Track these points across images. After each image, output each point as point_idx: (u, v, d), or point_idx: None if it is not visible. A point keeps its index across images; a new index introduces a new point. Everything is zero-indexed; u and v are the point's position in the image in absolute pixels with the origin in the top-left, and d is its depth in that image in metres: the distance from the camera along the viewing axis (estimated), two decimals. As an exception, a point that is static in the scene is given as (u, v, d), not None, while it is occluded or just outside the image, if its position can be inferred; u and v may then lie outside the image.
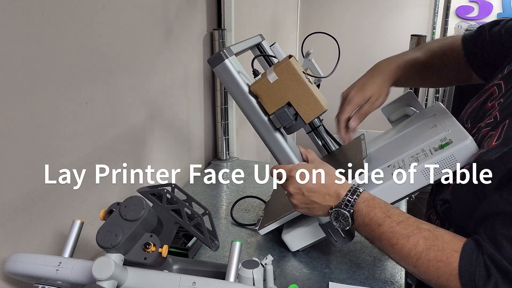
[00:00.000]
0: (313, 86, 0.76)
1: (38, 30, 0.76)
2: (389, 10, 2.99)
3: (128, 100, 1.05)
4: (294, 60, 0.76)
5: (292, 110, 0.75)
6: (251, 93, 0.76)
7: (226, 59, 0.75)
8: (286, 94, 0.74)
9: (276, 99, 0.75)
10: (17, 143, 0.75)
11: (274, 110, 0.76)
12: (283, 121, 0.75)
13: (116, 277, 0.61)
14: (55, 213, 0.85)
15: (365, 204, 0.74)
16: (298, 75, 0.73)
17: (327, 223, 0.82)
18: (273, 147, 0.80)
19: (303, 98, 0.74)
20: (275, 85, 0.74)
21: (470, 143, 0.76)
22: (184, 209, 0.72)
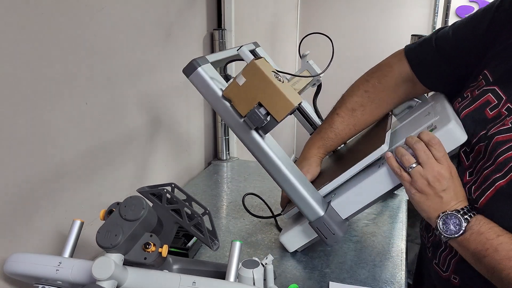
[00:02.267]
0: (283, 84, 0.76)
1: (38, 30, 0.76)
2: (389, 10, 2.99)
3: (128, 100, 1.05)
4: (261, 61, 0.77)
5: (263, 110, 0.75)
6: (224, 98, 0.78)
7: (199, 67, 0.77)
8: (255, 95, 0.75)
9: (247, 101, 0.76)
10: (17, 143, 0.75)
11: (246, 112, 0.76)
12: (255, 122, 0.75)
13: (116, 277, 0.61)
14: (55, 213, 0.85)
15: (482, 217, 0.71)
16: (263, 74, 0.74)
17: (317, 220, 0.82)
18: (252, 148, 0.81)
19: (272, 97, 0.75)
20: (244, 87, 0.75)
21: (452, 127, 0.74)
22: (184, 209, 0.72)
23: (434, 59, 0.87)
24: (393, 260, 0.94)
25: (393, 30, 2.94)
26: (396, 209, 1.15)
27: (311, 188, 0.87)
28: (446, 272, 0.85)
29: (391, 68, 0.93)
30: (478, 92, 0.78)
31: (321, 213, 0.83)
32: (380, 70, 0.95)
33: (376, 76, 0.95)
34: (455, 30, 0.86)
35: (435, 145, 0.73)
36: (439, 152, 0.72)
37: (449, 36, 0.86)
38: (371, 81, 0.95)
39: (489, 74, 0.78)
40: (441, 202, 0.72)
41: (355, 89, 0.97)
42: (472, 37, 0.82)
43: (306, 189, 0.83)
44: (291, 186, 0.82)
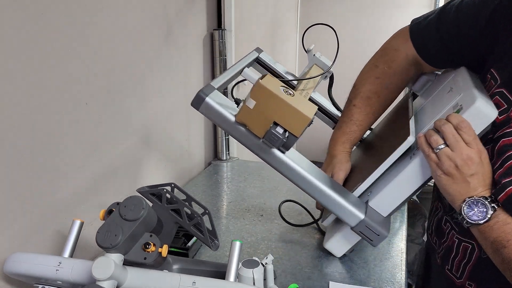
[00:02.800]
0: (295, 97, 0.75)
1: (38, 30, 0.76)
2: (389, 10, 2.99)
3: (128, 100, 1.05)
4: (267, 79, 0.75)
5: (280, 128, 0.74)
6: (238, 123, 0.77)
7: (207, 97, 0.77)
8: (269, 115, 0.73)
9: (262, 122, 0.74)
10: (17, 143, 0.75)
11: (263, 134, 0.75)
12: (274, 142, 0.74)
13: (116, 277, 0.61)
14: (55, 213, 0.85)
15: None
16: (272, 93, 0.72)
17: (359, 225, 0.80)
18: (277, 166, 0.80)
19: (286, 114, 0.73)
20: (256, 110, 0.74)
21: (479, 105, 0.70)
22: (184, 208, 0.72)
23: (436, 44, 0.84)
24: (393, 260, 0.94)
25: (393, 30, 2.94)
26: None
27: (345, 193, 0.84)
28: (460, 279, 0.83)
29: (398, 51, 0.90)
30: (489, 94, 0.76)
31: (361, 216, 0.80)
32: (387, 55, 0.92)
33: (384, 61, 0.92)
34: (458, 14, 0.81)
35: (464, 128, 0.69)
36: (469, 136, 0.69)
37: (450, 19, 0.82)
38: (380, 66, 0.92)
39: (497, 74, 0.75)
40: (468, 187, 0.69)
41: (366, 77, 0.95)
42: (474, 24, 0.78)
43: (341, 195, 0.81)
44: (325, 196, 0.80)
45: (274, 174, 1.40)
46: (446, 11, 0.84)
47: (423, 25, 0.87)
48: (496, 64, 0.76)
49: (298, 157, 0.83)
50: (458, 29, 0.80)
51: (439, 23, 0.84)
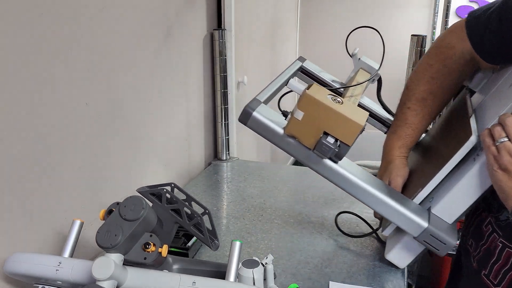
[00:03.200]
0: (344, 105, 0.73)
1: (38, 30, 0.76)
2: (389, 10, 2.99)
3: (128, 100, 1.05)
4: (314, 88, 0.73)
5: (331, 138, 0.72)
6: (287, 136, 0.75)
7: (254, 112, 0.75)
8: (319, 125, 0.72)
9: (312, 133, 0.73)
10: (17, 143, 0.75)
11: (314, 144, 0.73)
12: (326, 153, 0.72)
13: (116, 277, 0.61)
14: (55, 213, 0.85)
15: None
16: (320, 103, 0.70)
17: (422, 234, 0.76)
18: (330, 177, 0.77)
19: (336, 123, 0.71)
20: (304, 121, 0.72)
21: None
22: (183, 208, 0.72)
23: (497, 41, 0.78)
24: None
25: (393, 30, 2.94)
26: (396, 209, 1.15)
27: (405, 200, 0.80)
28: (497, 286, 0.78)
29: (453, 49, 0.85)
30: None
31: (425, 224, 0.76)
32: (441, 53, 0.87)
33: (439, 59, 0.87)
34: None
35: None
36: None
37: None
38: (435, 65, 0.88)
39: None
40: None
41: (420, 77, 0.90)
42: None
43: (400, 203, 0.78)
44: (384, 205, 0.77)
45: (274, 174, 1.40)
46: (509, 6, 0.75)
47: (482, 21, 0.80)
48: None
49: (351, 165, 0.80)
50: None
51: (501, 19, 0.76)
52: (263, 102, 0.81)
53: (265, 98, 0.82)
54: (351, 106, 0.75)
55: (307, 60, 1.06)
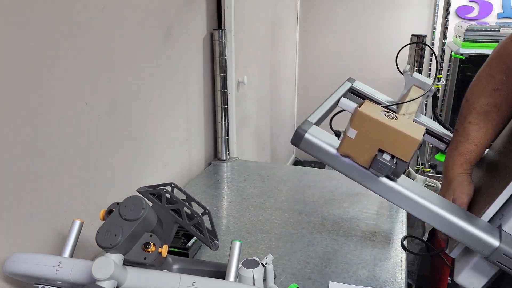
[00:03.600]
0: (398, 120, 0.71)
1: (38, 30, 0.76)
2: (389, 10, 2.99)
3: (128, 100, 1.05)
4: (366, 105, 0.72)
5: (387, 155, 0.69)
6: (341, 155, 0.74)
7: (306, 134, 0.74)
8: (373, 143, 0.69)
9: (367, 152, 0.71)
10: (17, 143, 0.75)
11: (369, 163, 0.71)
12: (383, 171, 0.69)
13: (116, 277, 0.61)
14: (55, 213, 0.85)
15: None
16: (374, 120, 0.69)
17: (494, 254, 0.71)
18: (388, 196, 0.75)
19: (391, 139, 0.68)
20: (358, 139, 0.70)
21: None
22: (183, 208, 0.72)
23: None
24: (393, 260, 0.94)
25: (393, 30, 2.94)
26: (396, 209, 1.15)
27: (473, 218, 0.76)
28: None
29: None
30: None
31: (496, 243, 0.72)
32: (503, 63, 0.82)
33: (501, 69, 0.82)
34: None
35: None
36: None
37: None
38: (497, 76, 0.83)
39: None
40: None
41: (481, 89, 0.85)
42: None
43: (467, 221, 0.74)
44: (449, 224, 0.73)
45: (274, 174, 1.40)
46: None
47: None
48: None
49: (411, 183, 0.77)
50: None
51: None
52: (315, 124, 0.80)
53: (316, 119, 0.81)
54: (406, 121, 0.73)
55: (357, 81, 1.05)
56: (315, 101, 2.91)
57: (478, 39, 2.21)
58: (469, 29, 2.21)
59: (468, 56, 2.21)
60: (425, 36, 1.43)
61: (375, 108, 0.73)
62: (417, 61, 1.35)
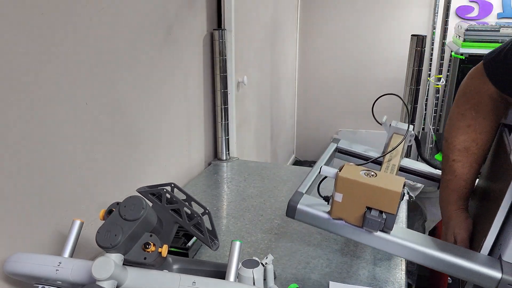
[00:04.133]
0: (378, 176, 0.76)
1: (38, 30, 0.76)
2: (389, 10, 2.99)
3: (128, 100, 1.05)
4: (346, 169, 0.77)
5: (375, 211, 0.75)
6: (334, 219, 0.79)
7: (298, 205, 0.80)
8: (360, 202, 0.75)
9: (356, 211, 0.76)
10: (17, 143, 0.75)
11: (361, 221, 0.76)
12: (375, 227, 0.75)
13: (116, 277, 0.61)
14: (55, 213, 0.85)
15: None
16: (355, 181, 0.74)
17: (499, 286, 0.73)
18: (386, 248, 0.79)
19: (376, 196, 0.73)
20: (345, 202, 0.76)
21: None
22: (183, 208, 0.72)
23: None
24: (393, 260, 0.94)
25: (393, 30, 2.94)
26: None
27: (472, 255, 0.78)
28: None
29: (480, 93, 0.86)
30: None
31: (498, 275, 0.73)
32: (469, 100, 0.88)
33: (469, 107, 0.88)
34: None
35: None
36: None
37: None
38: (467, 113, 0.88)
39: None
40: None
41: (456, 128, 0.90)
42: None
43: (467, 259, 0.76)
44: (450, 265, 0.76)
45: (274, 174, 1.40)
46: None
47: (499, 60, 0.82)
48: None
49: (405, 232, 0.81)
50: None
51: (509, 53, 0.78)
52: (305, 193, 0.85)
53: (306, 188, 0.87)
54: (386, 176, 0.78)
55: (341, 140, 1.12)
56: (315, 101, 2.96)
57: (478, 39, 2.21)
58: (469, 29, 2.21)
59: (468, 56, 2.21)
60: (425, 36, 1.43)
61: (355, 170, 0.78)
62: (417, 61, 1.36)
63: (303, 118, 3.41)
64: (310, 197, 0.84)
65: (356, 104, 3.19)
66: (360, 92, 3.14)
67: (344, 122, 3.23)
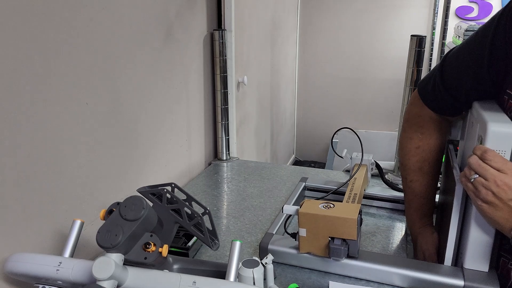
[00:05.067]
0: (335, 207, 0.82)
1: (38, 30, 0.76)
2: (389, 10, 3.00)
3: (128, 100, 1.05)
4: (305, 205, 0.83)
5: (337, 240, 0.80)
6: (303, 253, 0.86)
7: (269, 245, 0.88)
8: (322, 234, 0.81)
9: (321, 243, 0.82)
10: (17, 143, 0.75)
11: (326, 252, 0.82)
12: (340, 255, 0.80)
13: (116, 277, 0.61)
14: (55, 213, 0.85)
15: None
16: (314, 215, 0.80)
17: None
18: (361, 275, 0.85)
19: (335, 226, 0.79)
20: (310, 235, 0.82)
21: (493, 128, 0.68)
22: (184, 208, 0.72)
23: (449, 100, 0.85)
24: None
25: (393, 30, 2.94)
26: (396, 209, 1.15)
27: (435, 267, 0.82)
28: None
29: (421, 117, 0.92)
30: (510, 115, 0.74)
31: (460, 283, 0.77)
32: (414, 124, 0.94)
33: (414, 130, 0.94)
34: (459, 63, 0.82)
35: (489, 156, 0.68)
36: (496, 163, 0.67)
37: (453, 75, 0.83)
38: (414, 137, 0.95)
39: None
40: (511, 212, 0.67)
41: (407, 151, 0.96)
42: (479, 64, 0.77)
43: (431, 272, 0.81)
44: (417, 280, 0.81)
45: (274, 174, 1.40)
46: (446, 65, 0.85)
47: (430, 85, 0.88)
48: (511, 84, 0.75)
49: (371, 255, 0.86)
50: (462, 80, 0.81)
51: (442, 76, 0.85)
52: (275, 233, 0.92)
53: (276, 228, 0.94)
54: (343, 205, 0.84)
55: (308, 178, 1.23)
56: (315, 101, 2.96)
57: (477, 39, 2.21)
58: (468, 29, 2.21)
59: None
60: (425, 36, 1.44)
61: (313, 204, 0.84)
62: (417, 62, 1.36)
63: (303, 118, 3.41)
64: (280, 237, 0.91)
65: (356, 104, 3.20)
66: (360, 92, 3.14)
67: (344, 122, 3.24)
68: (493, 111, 0.75)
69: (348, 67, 3.17)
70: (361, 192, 1.03)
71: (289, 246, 0.88)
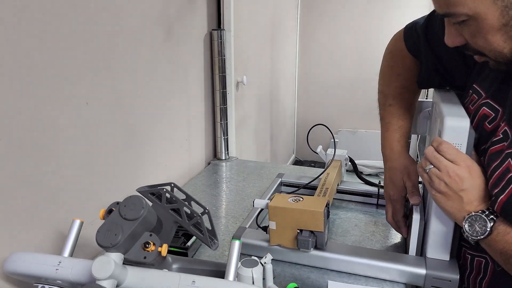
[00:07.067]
0: (304, 200, 0.85)
1: (39, 30, 0.77)
2: (388, 11, 3.00)
3: (128, 100, 1.05)
4: (275, 199, 0.86)
5: (305, 232, 0.83)
6: (274, 246, 0.88)
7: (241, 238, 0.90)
8: (291, 226, 0.84)
9: (290, 236, 0.85)
10: (17, 143, 0.75)
11: (296, 244, 0.84)
12: (307, 246, 0.83)
13: (116, 276, 0.61)
14: (55, 213, 0.85)
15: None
16: (282, 208, 0.83)
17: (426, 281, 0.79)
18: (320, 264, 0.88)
19: (303, 218, 0.82)
20: (279, 228, 0.85)
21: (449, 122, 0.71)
22: (183, 208, 0.72)
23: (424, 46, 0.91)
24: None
25: (393, 30, 2.94)
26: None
27: (401, 257, 0.85)
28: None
29: (403, 51, 0.97)
30: (473, 108, 0.77)
31: (422, 271, 0.80)
32: (396, 56, 0.99)
33: (396, 61, 0.99)
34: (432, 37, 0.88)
35: (444, 148, 0.71)
36: (450, 154, 0.70)
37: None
38: (395, 65, 0.99)
39: (479, 87, 0.77)
40: (462, 202, 0.70)
41: (388, 78, 1.00)
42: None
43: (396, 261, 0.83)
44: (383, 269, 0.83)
45: (273, 174, 1.40)
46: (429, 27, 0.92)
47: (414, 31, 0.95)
48: (478, 78, 0.79)
49: (339, 246, 0.89)
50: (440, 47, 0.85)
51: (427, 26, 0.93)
52: (248, 227, 0.95)
53: (249, 222, 0.97)
54: (311, 199, 0.87)
55: (285, 174, 1.26)
56: (315, 101, 2.96)
57: (477, 39, 2.21)
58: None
59: (467, 56, 2.22)
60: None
61: (283, 198, 0.87)
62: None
63: (303, 118, 3.41)
64: (252, 230, 0.94)
65: (356, 104, 3.19)
66: (359, 92, 3.14)
67: (344, 122, 3.24)
68: (452, 104, 0.79)
69: (348, 67, 3.17)
70: (333, 187, 1.05)
71: (260, 239, 0.90)
